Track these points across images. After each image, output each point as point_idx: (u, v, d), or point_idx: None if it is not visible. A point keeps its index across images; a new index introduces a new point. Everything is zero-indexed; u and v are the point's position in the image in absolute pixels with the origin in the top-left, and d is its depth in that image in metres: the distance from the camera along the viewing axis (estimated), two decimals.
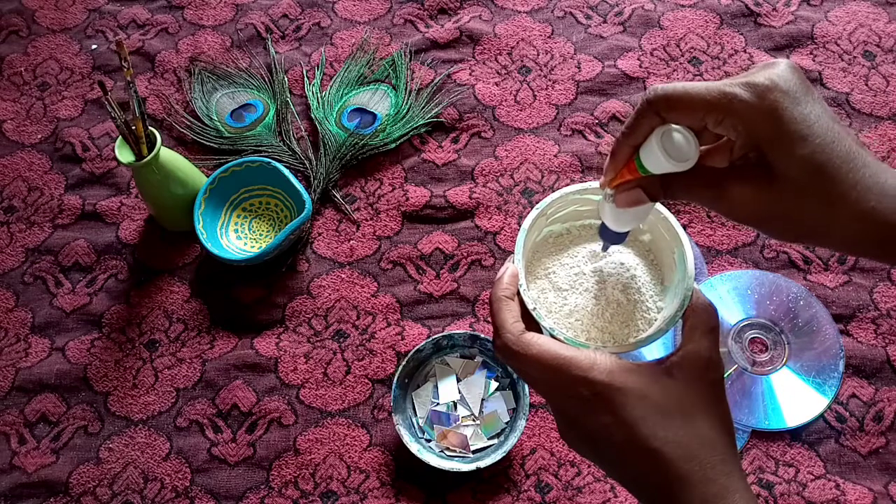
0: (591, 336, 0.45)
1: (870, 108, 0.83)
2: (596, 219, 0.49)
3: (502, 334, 0.42)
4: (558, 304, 0.47)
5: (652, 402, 0.39)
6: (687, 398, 0.39)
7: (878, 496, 0.63)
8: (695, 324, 0.42)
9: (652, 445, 0.38)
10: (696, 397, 0.39)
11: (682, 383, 0.40)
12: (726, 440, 0.39)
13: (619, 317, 0.46)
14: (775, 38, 0.89)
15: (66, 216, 0.83)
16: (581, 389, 0.39)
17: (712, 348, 0.41)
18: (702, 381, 0.40)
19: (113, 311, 0.77)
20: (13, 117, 0.91)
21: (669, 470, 0.38)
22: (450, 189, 0.82)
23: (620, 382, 0.39)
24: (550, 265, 0.49)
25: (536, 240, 0.49)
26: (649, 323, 0.45)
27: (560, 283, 0.47)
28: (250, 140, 0.86)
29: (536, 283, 0.48)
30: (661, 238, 0.47)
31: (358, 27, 0.95)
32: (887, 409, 0.67)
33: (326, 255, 0.79)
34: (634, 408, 0.39)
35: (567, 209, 0.49)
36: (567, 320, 0.46)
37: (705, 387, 0.40)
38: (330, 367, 0.73)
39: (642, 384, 0.39)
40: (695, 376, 0.40)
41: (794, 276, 0.74)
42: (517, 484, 0.66)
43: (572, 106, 0.87)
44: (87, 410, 0.73)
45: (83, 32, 0.98)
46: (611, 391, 0.39)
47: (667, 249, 0.47)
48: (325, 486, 0.68)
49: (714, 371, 0.40)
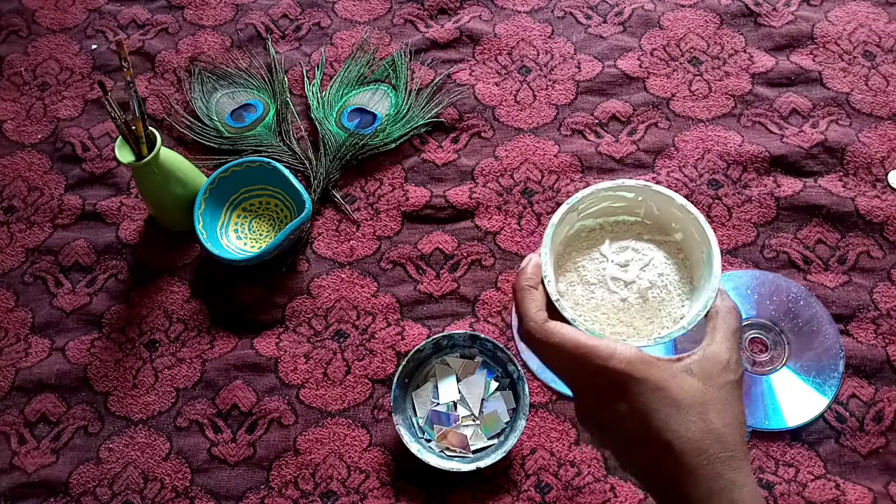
0: (615, 330, 0.46)
1: (870, 109, 0.83)
2: (629, 215, 0.51)
3: (526, 322, 0.44)
4: (585, 297, 0.48)
5: (668, 395, 0.40)
6: (702, 395, 0.40)
7: (878, 496, 0.63)
8: (717, 325, 0.43)
9: (664, 437, 0.39)
10: (712, 395, 0.40)
11: (700, 381, 0.41)
12: (737, 438, 0.40)
13: (644, 313, 0.47)
14: (775, 38, 0.89)
15: (66, 216, 0.83)
16: (600, 378, 0.41)
17: (732, 350, 0.42)
18: (719, 380, 0.41)
19: (113, 311, 0.77)
20: (13, 117, 0.91)
21: (678, 462, 0.39)
22: (450, 189, 0.82)
23: (639, 373, 0.40)
24: (580, 259, 0.50)
25: (568, 234, 0.51)
26: (674, 321, 0.46)
27: (588, 277, 0.49)
28: (250, 140, 0.86)
29: (566, 276, 0.49)
30: (692, 237, 0.48)
31: (358, 27, 0.95)
32: (887, 409, 0.67)
33: (326, 255, 0.79)
34: (650, 399, 0.40)
35: (599, 205, 0.50)
36: (593, 314, 0.47)
37: (722, 387, 0.41)
38: (330, 367, 0.73)
39: (659, 377, 0.40)
40: (713, 375, 0.41)
41: (794, 276, 0.74)
42: (517, 484, 0.66)
43: (572, 106, 0.87)
44: (87, 410, 0.73)
45: (83, 32, 0.98)
46: (628, 381, 0.40)
47: (696, 249, 0.48)
48: (325, 486, 0.68)
49: (732, 373, 0.41)
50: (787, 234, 0.76)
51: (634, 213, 0.51)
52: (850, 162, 0.80)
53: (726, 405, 0.41)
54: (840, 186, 0.78)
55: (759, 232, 0.77)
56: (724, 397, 0.41)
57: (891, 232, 0.75)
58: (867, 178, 0.79)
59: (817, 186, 0.78)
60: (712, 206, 0.78)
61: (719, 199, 0.79)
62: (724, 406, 0.40)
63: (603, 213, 0.51)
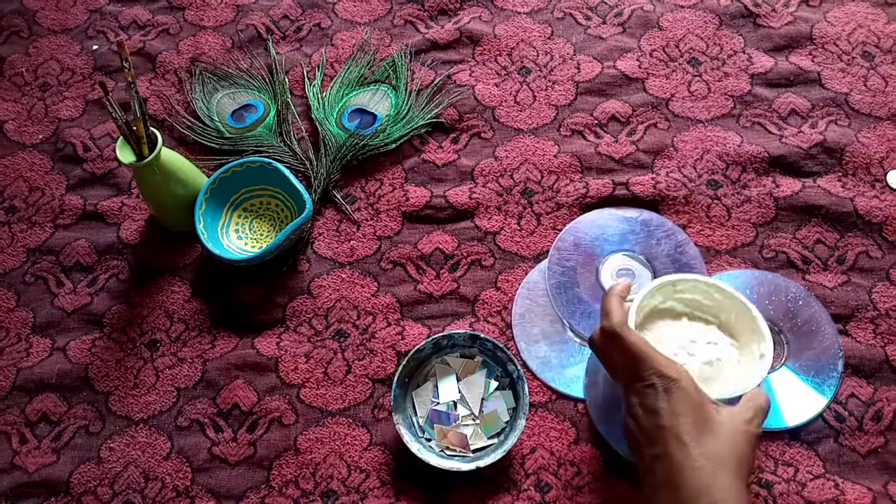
0: None
1: (868, 109, 0.83)
2: (713, 316, 0.63)
3: (611, 317, 0.55)
4: None
5: (699, 411, 0.51)
6: (723, 429, 0.51)
7: (877, 496, 0.64)
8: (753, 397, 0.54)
9: (683, 438, 0.50)
10: (730, 432, 0.51)
11: (726, 419, 0.52)
12: (734, 466, 0.49)
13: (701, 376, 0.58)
14: (774, 39, 0.89)
15: (68, 216, 0.84)
16: (654, 378, 0.52)
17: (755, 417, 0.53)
18: (740, 426, 0.51)
19: (114, 311, 0.78)
20: (14, 118, 0.91)
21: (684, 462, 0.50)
22: (450, 189, 0.82)
23: (686, 383, 0.51)
24: (663, 328, 0.62)
25: (661, 306, 0.63)
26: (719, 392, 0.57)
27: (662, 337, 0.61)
28: (251, 140, 0.86)
29: (645, 335, 0.61)
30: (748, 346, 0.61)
31: (358, 28, 0.95)
32: (886, 408, 0.67)
33: (327, 255, 0.79)
34: (685, 407, 0.50)
35: (693, 294, 0.62)
36: None
37: (741, 432, 0.51)
38: (330, 366, 0.73)
39: (699, 397, 0.52)
40: (736, 422, 0.52)
41: (793, 276, 0.74)
42: (517, 483, 0.67)
43: (572, 106, 0.87)
44: (88, 410, 0.73)
45: (84, 33, 0.98)
46: (676, 386, 0.51)
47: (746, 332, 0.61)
48: (326, 486, 0.68)
49: (754, 428, 0.52)
50: (786, 235, 0.77)
51: (717, 315, 0.63)
52: (849, 162, 0.80)
53: (737, 445, 0.50)
54: (839, 187, 0.78)
55: (758, 232, 0.77)
56: (740, 440, 0.51)
57: (889, 232, 0.76)
58: (866, 179, 0.79)
59: (816, 187, 0.79)
60: (711, 207, 0.79)
61: (718, 200, 0.79)
62: (736, 445, 0.50)
63: (693, 304, 0.63)
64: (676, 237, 0.77)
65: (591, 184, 0.81)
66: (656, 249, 0.76)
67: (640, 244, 0.76)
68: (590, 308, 0.73)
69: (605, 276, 0.75)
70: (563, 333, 0.74)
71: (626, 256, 0.76)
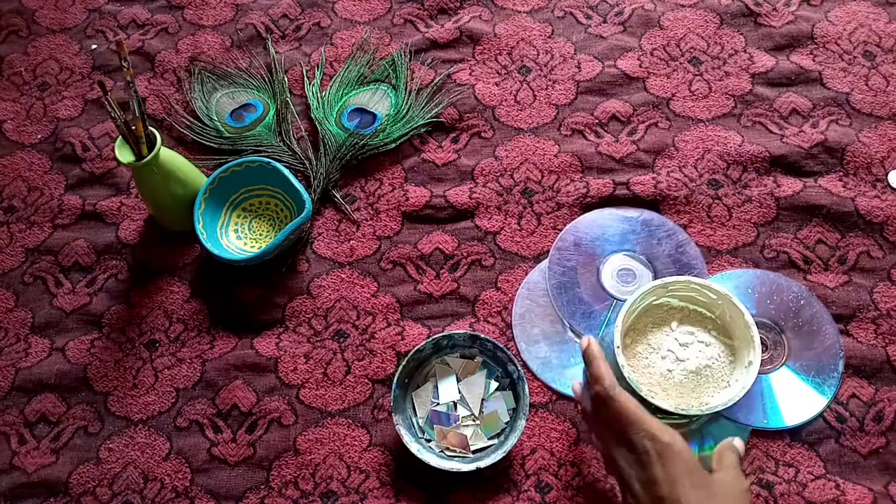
0: (669, 394, 0.59)
1: (870, 108, 0.83)
2: (709, 310, 0.62)
3: (603, 383, 0.55)
4: (644, 360, 0.61)
5: (695, 477, 0.51)
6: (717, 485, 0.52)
7: (878, 496, 0.63)
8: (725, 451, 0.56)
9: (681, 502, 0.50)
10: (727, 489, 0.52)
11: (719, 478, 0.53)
12: None
13: (689, 383, 0.60)
14: (775, 38, 0.89)
15: (66, 216, 0.83)
16: (647, 441, 0.52)
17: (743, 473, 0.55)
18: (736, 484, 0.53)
19: (113, 311, 0.77)
20: (13, 117, 0.91)
21: None
22: (450, 189, 0.82)
23: (678, 447, 0.51)
24: (653, 327, 0.62)
25: (654, 302, 0.62)
26: (715, 392, 0.59)
27: (652, 343, 0.61)
28: (250, 140, 0.86)
29: (636, 336, 0.62)
30: (742, 350, 0.60)
31: (358, 27, 0.95)
32: (887, 409, 0.67)
33: (326, 255, 0.79)
34: (680, 470, 0.51)
35: (688, 292, 0.62)
36: (651, 378, 0.60)
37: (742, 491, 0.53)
38: (330, 367, 0.73)
39: (693, 460, 0.52)
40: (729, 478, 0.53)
41: (795, 276, 0.74)
42: (517, 484, 0.66)
43: (572, 106, 0.87)
44: (87, 410, 0.73)
45: (83, 32, 0.98)
46: (670, 451, 0.51)
47: (742, 361, 0.60)
48: (325, 486, 0.68)
49: (746, 481, 0.54)
50: (788, 234, 0.76)
51: (712, 310, 0.62)
52: (850, 162, 0.80)
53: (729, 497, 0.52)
54: (840, 186, 0.78)
55: (759, 232, 0.77)
56: (732, 492, 0.52)
57: (891, 232, 0.75)
58: (867, 178, 0.79)
59: (817, 186, 0.78)
60: (712, 206, 0.78)
61: (719, 199, 0.79)
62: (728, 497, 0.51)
63: (688, 299, 0.62)
64: (677, 237, 0.76)
65: (592, 183, 0.81)
66: (657, 249, 0.76)
67: (641, 244, 0.76)
68: (590, 308, 0.73)
69: (605, 276, 0.75)
70: (563, 334, 0.73)
71: (626, 256, 0.76)
